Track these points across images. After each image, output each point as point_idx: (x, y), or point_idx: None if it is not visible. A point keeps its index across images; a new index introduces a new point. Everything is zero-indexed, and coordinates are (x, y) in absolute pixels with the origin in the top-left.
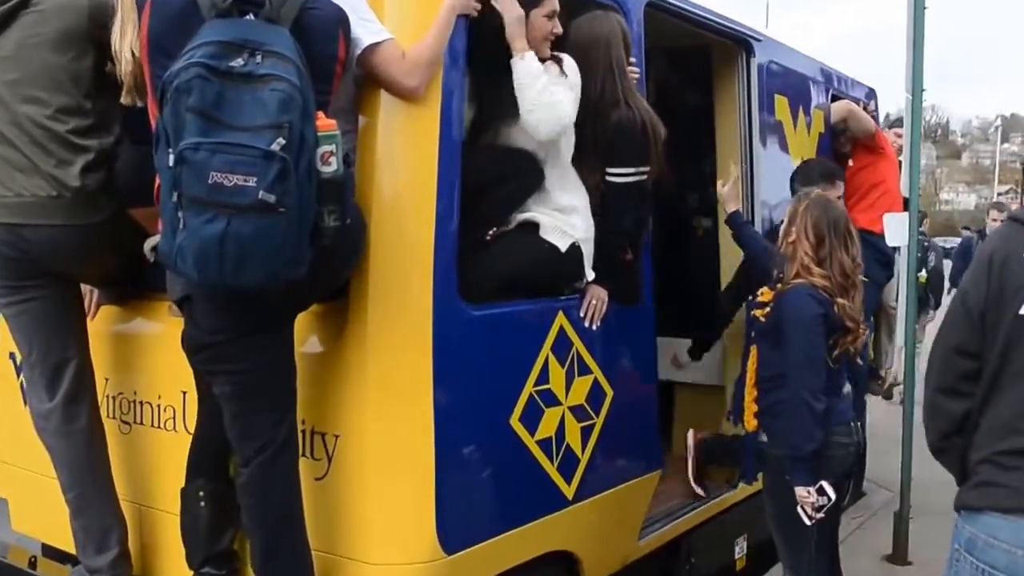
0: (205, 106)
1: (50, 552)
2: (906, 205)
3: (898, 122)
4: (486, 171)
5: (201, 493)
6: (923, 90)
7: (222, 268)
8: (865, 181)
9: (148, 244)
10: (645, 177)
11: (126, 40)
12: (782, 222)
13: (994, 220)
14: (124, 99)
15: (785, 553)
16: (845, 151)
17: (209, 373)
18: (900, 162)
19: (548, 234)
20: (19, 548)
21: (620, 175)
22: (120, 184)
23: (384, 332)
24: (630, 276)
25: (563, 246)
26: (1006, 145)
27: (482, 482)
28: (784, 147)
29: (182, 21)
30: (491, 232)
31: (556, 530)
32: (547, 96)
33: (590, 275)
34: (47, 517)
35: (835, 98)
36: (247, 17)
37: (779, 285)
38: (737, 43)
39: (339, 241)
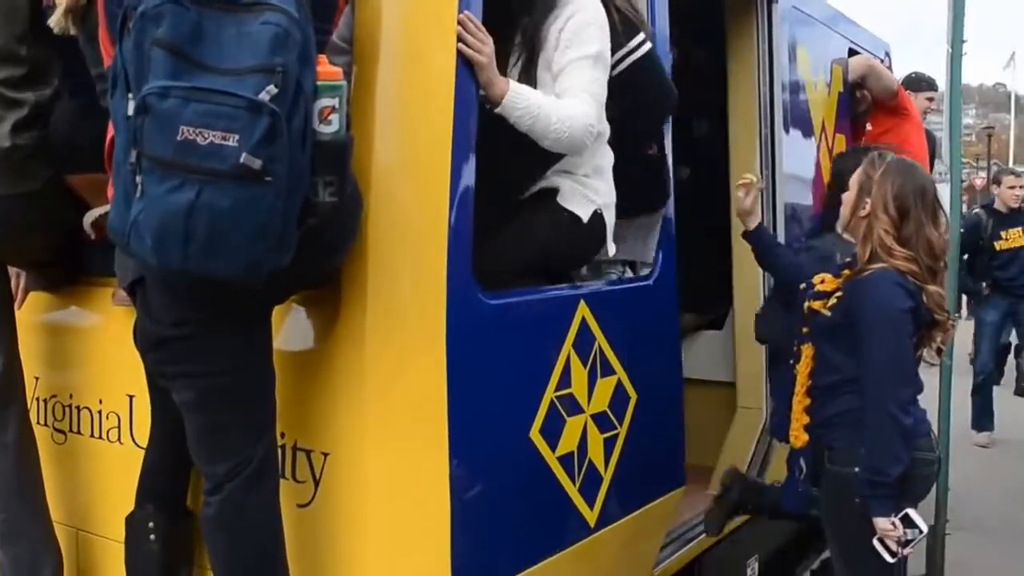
0: (178, 40)
1: None
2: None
3: (922, 83)
4: (503, 135)
5: (151, 524)
6: (964, 41)
7: (187, 251)
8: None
9: (88, 218)
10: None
11: None
12: (831, 191)
13: (1011, 188)
14: (55, 22)
15: None
16: (860, 111)
17: (167, 376)
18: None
19: (568, 201)
20: None
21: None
22: (56, 144)
23: (386, 327)
24: (656, 174)
25: (585, 215)
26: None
27: (501, 511)
28: (807, 110)
29: None
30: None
31: (576, 563)
32: (555, 131)
33: (611, 248)
34: None
35: (851, 53)
36: None
37: (846, 271)
38: None
39: (333, 219)
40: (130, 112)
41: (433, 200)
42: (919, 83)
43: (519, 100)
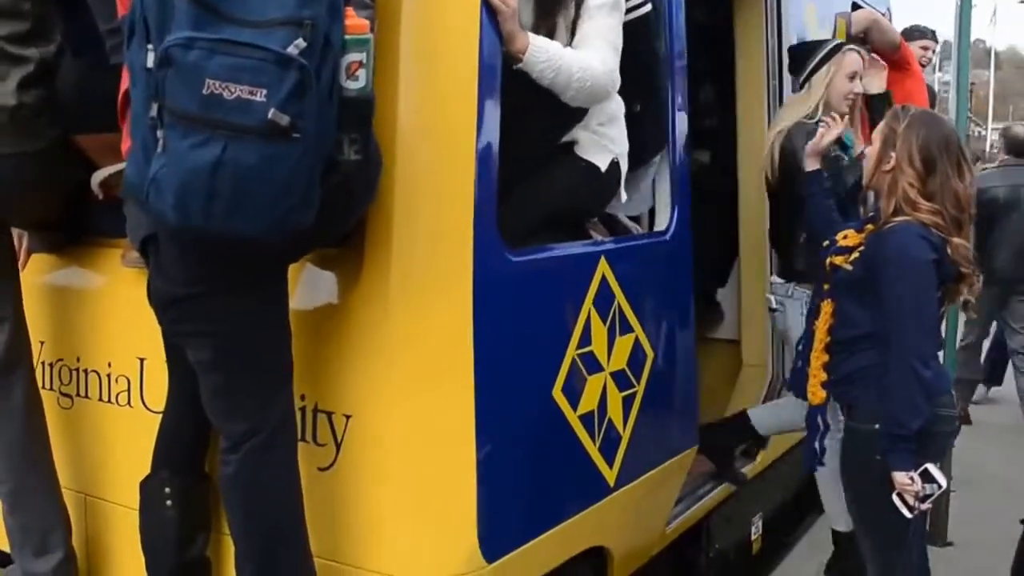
0: None
1: None
2: None
3: (915, 31)
4: (524, 94)
5: (167, 489)
6: None
7: (209, 208)
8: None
9: (97, 177)
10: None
11: None
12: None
13: None
14: None
15: (875, 550)
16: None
17: (183, 335)
18: None
19: (586, 152)
20: None
21: None
22: (66, 103)
23: (411, 286)
24: (642, 129)
25: (604, 164)
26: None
27: (526, 471)
28: None
29: None
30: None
31: (596, 523)
32: (577, 83)
33: (624, 195)
34: None
35: (854, 7)
36: None
37: (869, 226)
38: None
39: (355, 178)
40: (149, 63)
41: (459, 157)
42: (913, 32)
43: (541, 53)
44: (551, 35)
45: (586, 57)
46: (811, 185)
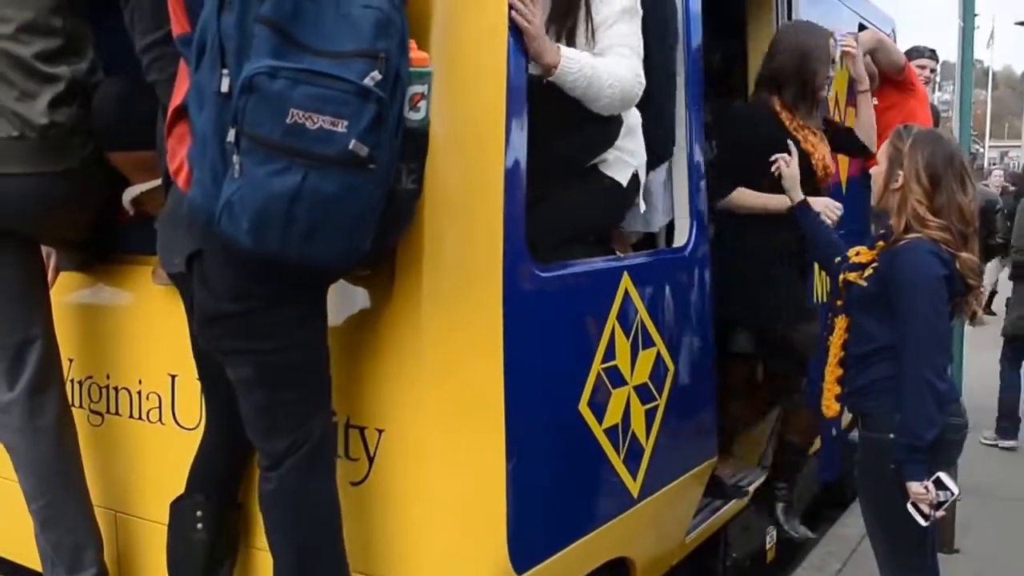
0: (281, 18)
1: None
2: None
3: (914, 51)
4: (556, 113)
5: (199, 513)
6: (975, 15)
7: (286, 235)
8: (894, 121)
9: (129, 194)
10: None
11: None
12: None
13: None
14: None
15: (891, 557)
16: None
17: (223, 352)
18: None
19: (610, 168)
20: None
21: None
22: (102, 123)
23: (442, 301)
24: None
25: (625, 179)
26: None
27: (554, 483)
28: None
29: None
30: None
31: (621, 534)
32: (608, 92)
33: (642, 205)
34: None
35: (861, 28)
36: None
37: (880, 243)
38: None
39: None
40: (224, 87)
41: (488, 175)
42: (913, 52)
43: (572, 64)
44: (571, 43)
45: (614, 64)
46: (804, 215)
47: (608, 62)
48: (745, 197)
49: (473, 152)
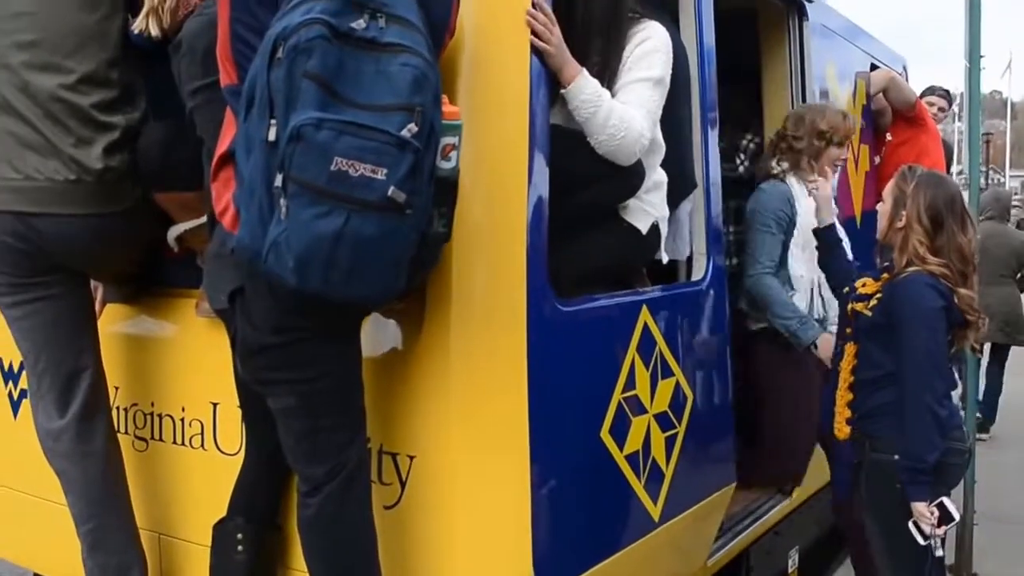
0: (326, 74)
1: None
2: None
3: (928, 90)
4: (578, 165)
5: (240, 535)
6: (981, 56)
7: (328, 275)
8: (906, 157)
9: (173, 232)
10: None
11: None
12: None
13: None
14: (136, 24)
15: (893, 573)
16: (882, 125)
17: (267, 383)
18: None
19: (630, 215)
20: None
21: None
22: (148, 166)
23: (470, 334)
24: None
25: (644, 227)
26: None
27: (576, 507)
28: None
29: None
30: None
31: (642, 557)
32: (612, 129)
33: (664, 256)
34: (40, 544)
35: (872, 67)
36: None
37: (885, 275)
38: (790, 5)
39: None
40: (271, 136)
41: (511, 216)
42: (926, 91)
43: (587, 86)
44: None
45: (628, 111)
46: (830, 236)
47: (623, 107)
48: None
49: (498, 195)
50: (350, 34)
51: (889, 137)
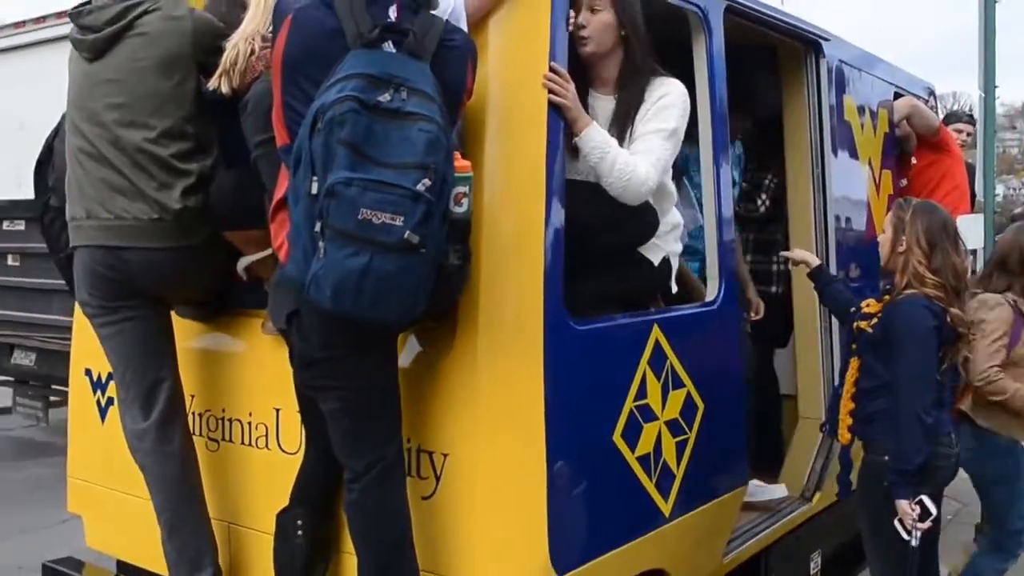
0: (356, 140)
1: (126, 569)
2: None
3: (952, 116)
4: (595, 212)
5: (299, 523)
6: (995, 87)
7: (358, 301)
8: (931, 180)
9: (242, 263)
10: None
11: (246, 31)
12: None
13: None
14: (212, 82)
15: (881, 569)
16: (907, 149)
17: (318, 389)
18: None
19: (643, 249)
20: (94, 566)
21: None
22: (218, 211)
23: (495, 349)
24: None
25: (656, 260)
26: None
27: (590, 500)
28: (854, 152)
29: (325, 45)
30: None
31: (655, 548)
32: (618, 173)
33: (675, 287)
34: (124, 534)
35: (896, 95)
36: (389, 49)
37: (886, 297)
38: (806, 44)
39: (456, 275)
40: (313, 191)
41: (531, 243)
42: (951, 117)
43: (596, 135)
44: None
45: (633, 160)
46: (823, 277)
47: (629, 156)
48: None
49: (521, 228)
50: (378, 106)
51: (914, 161)
